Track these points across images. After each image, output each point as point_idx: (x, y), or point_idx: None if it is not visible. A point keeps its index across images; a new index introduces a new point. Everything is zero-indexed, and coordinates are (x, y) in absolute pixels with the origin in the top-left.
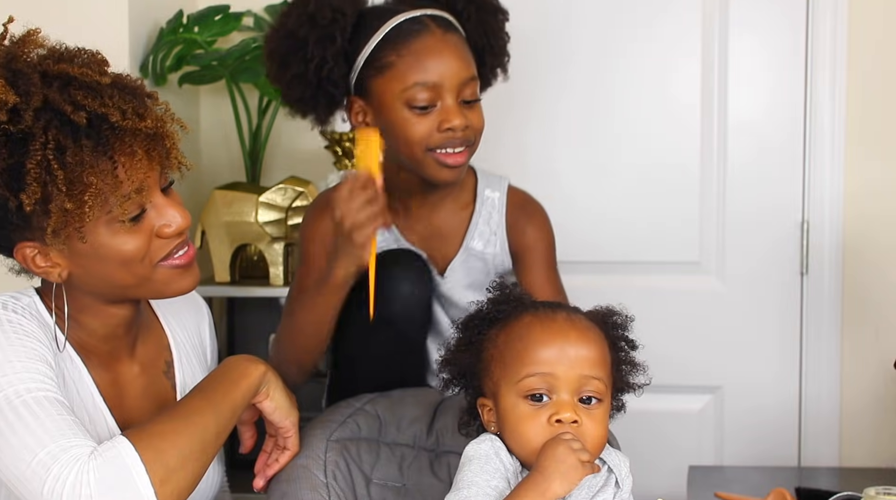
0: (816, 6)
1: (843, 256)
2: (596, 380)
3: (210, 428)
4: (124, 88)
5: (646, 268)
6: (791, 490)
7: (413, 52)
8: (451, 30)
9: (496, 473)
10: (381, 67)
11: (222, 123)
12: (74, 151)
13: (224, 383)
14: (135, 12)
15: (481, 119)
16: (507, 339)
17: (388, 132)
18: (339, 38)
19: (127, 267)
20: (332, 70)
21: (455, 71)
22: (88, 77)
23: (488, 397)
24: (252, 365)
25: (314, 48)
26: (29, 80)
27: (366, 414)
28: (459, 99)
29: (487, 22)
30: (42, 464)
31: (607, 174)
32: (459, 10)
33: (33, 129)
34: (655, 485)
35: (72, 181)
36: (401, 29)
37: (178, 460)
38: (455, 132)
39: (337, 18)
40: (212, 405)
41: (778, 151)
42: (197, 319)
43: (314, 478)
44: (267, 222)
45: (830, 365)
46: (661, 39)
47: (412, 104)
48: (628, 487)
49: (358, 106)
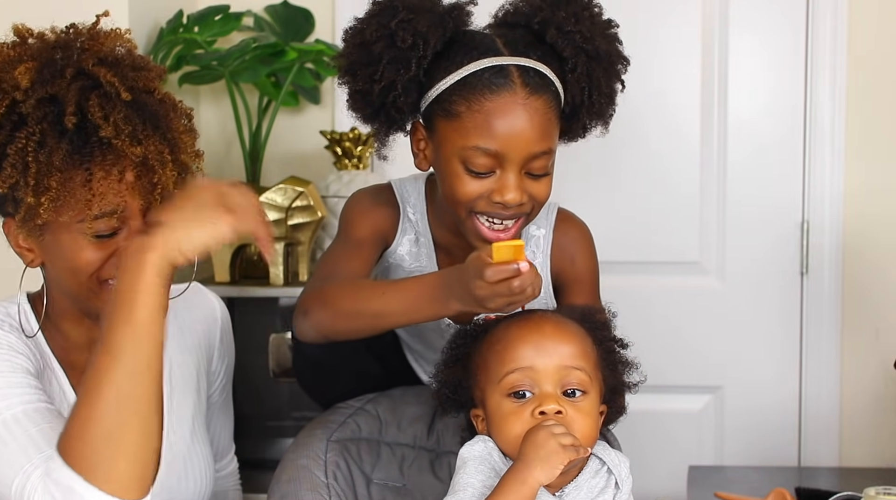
0: (816, 6)
1: (843, 256)
2: (578, 371)
3: (123, 386)
4: (142, 110)
5: (646, 268)
6: (791, 490)
7: (484, 111)
8: (540, 92)
9: (491, 473)
10: (449, 112)
11: (222, 123)
12: (50, 150)
13: (118, 322)
14: (135, 12)
15: (546, 192)
16: (488, 344)
17: (439, 176)
18: (415, 66)
19: (74, 275)
20: (398, 97)
21: (525, 143)
22: (113, 88)
23: (479, 406)
24: (140, 274)
25: (385, 70)
26: (60, 73)
27: (366, 414)
28: (524, 171)
29: (595, 76)
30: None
31: (607, 174)
32: (566, 57)
33: (29, 117)
34: (655, 485)
35: (38, 179)
36: (481, 77)
37: (107, 445)
38: (506, 208)
39: (417, 44)
40: (119, 361)
41: (778, 151)
42: (207, 324)
43: (314, 478)
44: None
45: (830, 365)
46: (661, 39)
47: (469, 166)
48: (628, 488)
49: (421, 134)
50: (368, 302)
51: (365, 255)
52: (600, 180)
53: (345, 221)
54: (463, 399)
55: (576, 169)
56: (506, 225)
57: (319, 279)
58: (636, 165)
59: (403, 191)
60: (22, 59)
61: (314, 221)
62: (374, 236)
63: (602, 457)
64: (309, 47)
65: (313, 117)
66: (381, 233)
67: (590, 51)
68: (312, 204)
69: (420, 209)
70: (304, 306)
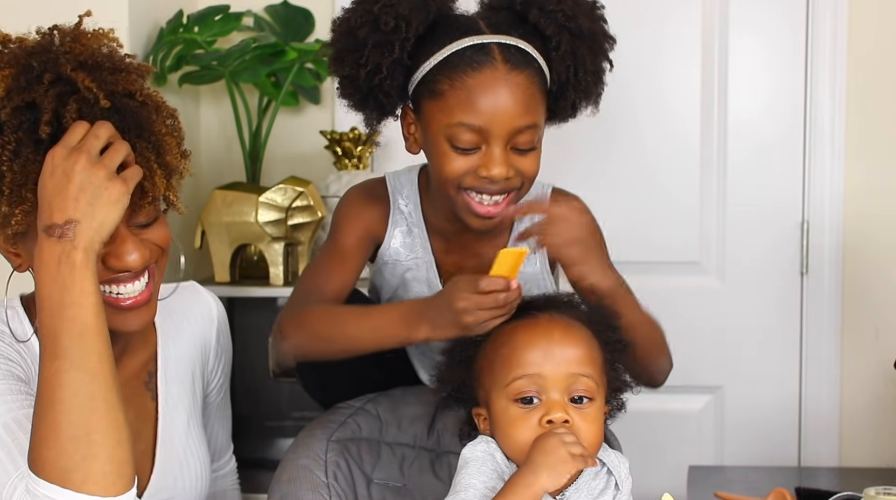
0: (816, 6)
1: (843, 256)
2: (585, 378)
3: (80, 388)
4: (122, 116)
5: (646, 268)
6: (791, 490)
7: (466, 88)
8: (521, 67)
9: (493, 474)
10: (433, 92)
11: (222, 123)
12: (26, 160)
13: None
14: (135, 12)
15: (534, 167)
16: (494, 346)
17: (428, 158)
18: (399, 49)
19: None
20: (384, 80)
21: (509, 117)
22: (91, 94)
23: (482, 406)
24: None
25: (370, 54)
26: (38, 79)
27: (366, 414)
28: (509, 146)
29: (579, 53)
30: (9, 496)
31: (607, 174)
32: (549, 35)
33: (5, 125)
34: (655, 485)
35: (12, 189)
36: (463, 56)
37: (76, 449)
38: (493, 183)
39: (400, 27)
40: (70, 361)
41: (778, 151)
42: (203, 324)
43: (315, 478)
44: (267, 222)
45: (830, 365)
46: (661, 39)
47: (454, 143)
48: (628, 489)
49: (410, 118)
50: (343, 327)
51: (349, 265)
52: (600, 180)
53: (334, 224)
54: (465, 398)
55: (576, 169)
56: (495, 200)
57: (300, 295)
58: (636, 164)
59: (396, 183)
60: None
61: (314, 221)
62: (361, 242)
63: (602, 458)
64: (309, 47)
65: (313, 117)
66: (370, 235)
67: (573, 28)
68: (312, 204)
69: (413, 199)
70: (282, 328)
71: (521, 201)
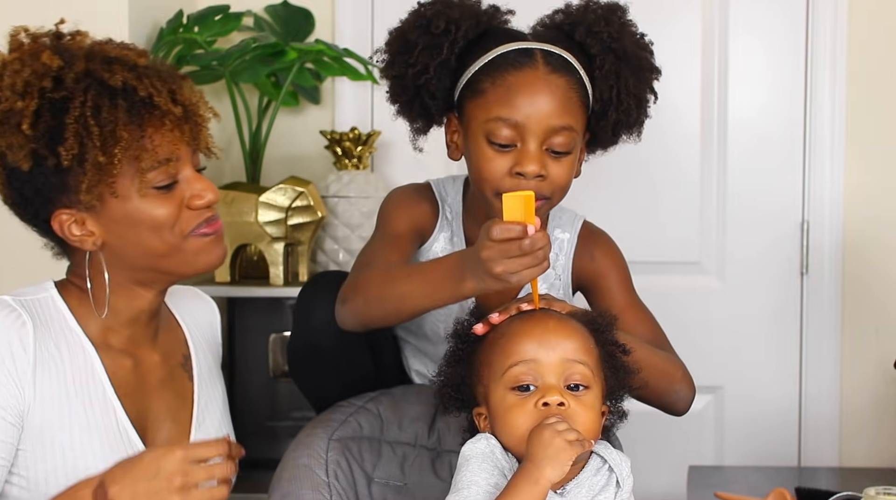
0: (816, 6)
1: (843, 256)
2: (581, 365)
3: None
4: (159, 72)
5: (646, 268)
6: (791, 490)
7: (506, 85)
8: (561, 72)
9: (494, 470)
10: (475, 91)
11: (222, 123)
12: (109, 108)
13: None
14: (135, 12)
15: (565, 175)
16: (491, 340)
17: (468, 161)
18: (447, 51)
19: (158, 233)
20: (430, 81)
21: (545, 115)
22: (128, 58)
23: (481, 405)
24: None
25: (419, 55)
26: (73, 54)
27: (367, 413)
28: (545, 146)
29: (623, 75)
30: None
31: (607, 174)
32: (594, 54)
33: (74, 91)
34: (655, 485)
35: (105, 136)
36: (506, 57)
37: None
38: (527, 180)
39: (449, 30)
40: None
41: (778, 151)
42: (210, 317)
43: (316, 477)
44: (267, 222)
45: (830, 365)
46: (661, 39)
47: (491, 139)
48: (629, 487)
49: (454, 126)
50: (394, 286)
51: (403, 247)
52: (600, 180)
53: (383, 215)
54: (466, 398)
55: None
56: None
57: (360, 265)
58: (636, 164)
59: (442, 190)
60: (41, 49)
61: (314, 222)
62: (412, 231)
63: (604, 455)
64: (309, 47)
65: (313, 117)
66: (419, 228)
67: (617, 50)
68: (312, 204)
69: (456, 209)
70: (343, 295)
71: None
